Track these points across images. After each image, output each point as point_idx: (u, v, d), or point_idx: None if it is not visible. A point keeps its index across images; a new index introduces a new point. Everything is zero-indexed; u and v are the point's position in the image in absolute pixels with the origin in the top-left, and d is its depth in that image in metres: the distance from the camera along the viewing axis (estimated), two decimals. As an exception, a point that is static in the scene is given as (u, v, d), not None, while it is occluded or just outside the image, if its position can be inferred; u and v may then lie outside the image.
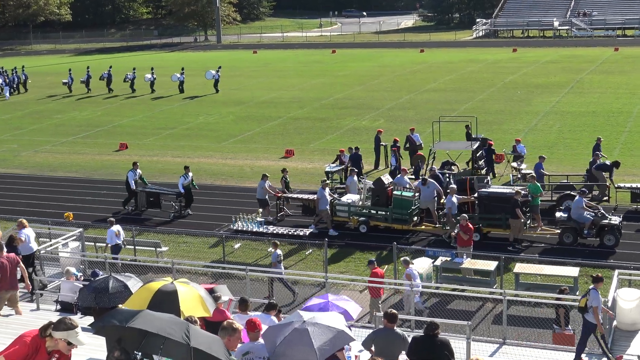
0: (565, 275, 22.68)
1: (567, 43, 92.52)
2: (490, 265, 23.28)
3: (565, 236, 26.78)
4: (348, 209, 29.51)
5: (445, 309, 22.02)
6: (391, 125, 47.54)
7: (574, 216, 26.69)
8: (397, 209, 28.72)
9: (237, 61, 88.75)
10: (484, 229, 27.51)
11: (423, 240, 28.05)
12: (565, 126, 45.84)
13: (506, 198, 27.04)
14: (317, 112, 54.24)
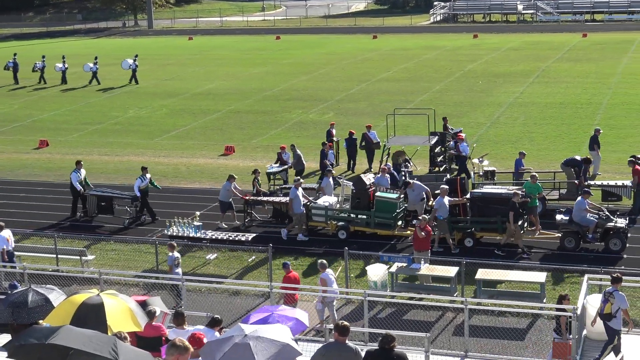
0: (531, 281, 22.96)
1: (531, 28, 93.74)
2: (450, 271, 23.47)
3: (567, 241, 26.88)
4: (325, 213, 29.33)
5: (402, 319, 22.14)
6: (341, 118, 47.65)
7: (576, 219, 26.79)
8: (380, 212, 28.49)
9: (170, 48, 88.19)
10: (477, 233, 27.60)
11: (410, 246, 27.97)
12: (530, 119, 46.43)
13: (502, 199, 27.11)
14: (259, 105, 54.15)
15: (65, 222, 31.99)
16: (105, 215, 31.81)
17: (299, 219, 28.88)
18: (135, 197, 31.54)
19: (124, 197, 31.92)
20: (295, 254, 27.42)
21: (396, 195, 28.81)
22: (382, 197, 28.73)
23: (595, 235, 26.57)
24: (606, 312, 18.15)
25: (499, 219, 26.99)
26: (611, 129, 42.79)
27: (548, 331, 21.20)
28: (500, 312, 22.10)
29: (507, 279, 22.94)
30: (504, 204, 26.89)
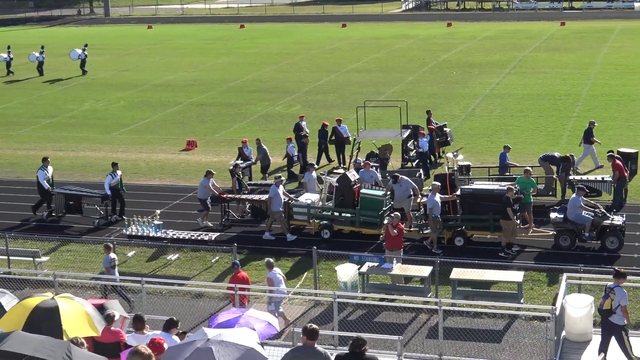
0: (508, 280, 23.11)
1: (508, 17, 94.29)
2: (423, 271, 23.55)
3: (562, 239, 27.01)
4: (307, 211, 29.26)
5: (373, 322, 22.20)
6: (309, 111, 47.64)
7: (571, 217, 26.91)
8: (366, 210, 28.42)
9: (128, 37, 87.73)
10: (467, 232, 27.68)
11: None
12: (506, 111, 46.69)
13: (494, 196, 27.19)
14: (223, 97, 54.02)
15: (30, 222, 31.70)
16: (73, 215, 31.55)
17: (276, 218, 28.83)
18: (105, 195, 31.29)
19: (94, 195, 31.67)
20: (275, 254, 27.40)
21: (382, 192, 28.79)
22: (367, 194, 28.69)
23: (592, 233, 26.74)
24: (605, 308, 18.29)
25: (491, 217, 27.10)
26: (591, 122, 43.16)
27: (526, 333, 21.38)
28: (476, 313, 22.22)
29: (483, 279, 23.04)
30: (495, 201, 27.00)
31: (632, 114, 44.36)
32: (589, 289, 22.29)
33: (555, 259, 25.57)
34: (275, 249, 27.90)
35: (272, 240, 28.68)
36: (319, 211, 29.23)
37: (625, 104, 46.91)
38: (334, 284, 24.46)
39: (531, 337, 21.19)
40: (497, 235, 27.40)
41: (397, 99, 46.87)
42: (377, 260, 24.18)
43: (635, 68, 57.57)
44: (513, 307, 21.76)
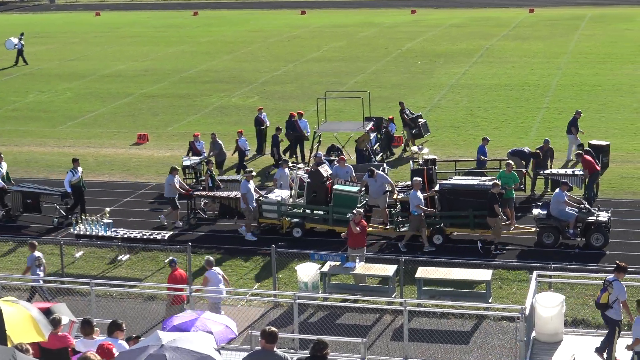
0: (476, 279, 23.25)
1: (474, 3, 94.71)
2: (388, 270, 23.64)
3: (545, 236, 27.17)
4: (278, 209, 29.18)
5: (335, 323, 22.26)
6: (267, 102, 47.59)
7: (555, 213, 27.08)
8: (339, 207, 28.36)
9: (75, 25, 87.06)
10: (447, 229, 27.77)
11: (372, 245, 28.07)
12: (473, 102, 46.95)
13: (475, 191, 27.34)
14: (175, 88, 53.81)
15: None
16: (31, 214, 31.23)
17: (250, 215, 28.75)
18: (65, 193, 31.00)
19: (53, 193, 31.38)
20: (246, 254, 27.40)
21: (357, 189, 28.78)
22: (341, 190, 28.69)
23: (576, 230, 26.94)
24: (602, 301, 18.45)
25: (471, 213, 27.25)
26: (560, 113, 43.47)
27: (494, 334, 21.54)
28: (443, 313, 22.34)
29: (449, 278, 23.17)
30: (476, 197, 27.18)
31: (604, 105, 44.79)
32: (559, 287, 22.54)
33: (538, 256, 25.78)
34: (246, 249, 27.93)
35: (252, 241, 28.52)
36: (290, 208, 29.24)
37: (596, 95, 47.35)
38: (294, 285, 24.49)
39: (500, 338, 21.36)
40: (478, 232, 27.57)
41: (359, 89, 46.95)
42: (339, 259, 24.21)
43: (606, 57, 58.12)
44: (481, 307, 21.91)
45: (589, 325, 21.63)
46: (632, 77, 51.23)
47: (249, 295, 23.71)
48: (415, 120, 37.60)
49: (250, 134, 39.66)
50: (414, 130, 37.32)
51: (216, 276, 22.15)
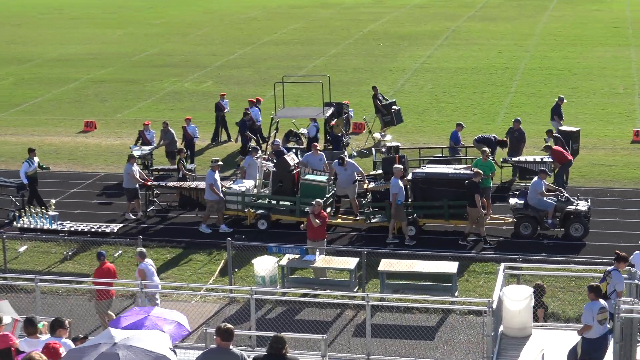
0: (441, 272, 23.28)
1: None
2: (349, 263, 23.66)
3: (522, 227, 27.28)
4: (242, 200, 29.02)
5: (295, 319, 22.25)
6: (222, 87, 47.45)
7: (532, 202, 27.18)
8: (307, 198, 28.12)
9: (17, 6, 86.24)
10: (420, 220, 27.77)
11: (342, 237, 28.06)
12: (438, 86, 47.10)
13: (450, 180, 27.36)
14: (125, 73, 53.50)
15: None
16: None
17: (217, 207, 28.56)
18: (21, 184, 30.66)
19: (8, 184, 31.03)
20: (208, 248, 27.34)
21: (325, 178, 28.75)
22: (308, 180, 28.62)
23: (555, 220, 27.09)
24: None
25: (445, 203, 27.31)
26: (529, 98, 43.77)
27: (461, 329, 21.64)
28: (407, 308, 22.40)
29: (414, 271, 23.23)
30: (451, 186, 27.26)
31: (574, 89, 45.10)
32: (528, 279, 22.64)
33: (516, 248, 25.94)
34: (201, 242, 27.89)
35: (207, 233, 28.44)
36: (254, 199, 29.19)
37: (566, 78, 47.68)
38: (250, 279, 24.47)
39: (466, 333, 21.48)
40: (452, 223, 27.69)
41: (318, 74, 46.91)
42: (298, 252, 24.20)
43: (576, 39, 58.56)
44: (447, 300, 21.98)
45: (559, 319, 21.82)
46: (603, 60, 51.66)
47: (204, 291, 23.65)
48: (389, 107, 37.52)
49: (205, 121, 39.62)
50: (386, 117, 37.28)
51: (149, 268, 22.09)
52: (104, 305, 21.41)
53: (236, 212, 29.17)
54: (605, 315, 17.78)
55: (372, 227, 28.17)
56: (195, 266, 26.26)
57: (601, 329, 17.76)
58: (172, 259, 26.78)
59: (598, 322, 17.70)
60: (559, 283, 23.37)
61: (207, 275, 25.49)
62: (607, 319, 17.81)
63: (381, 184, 28.41)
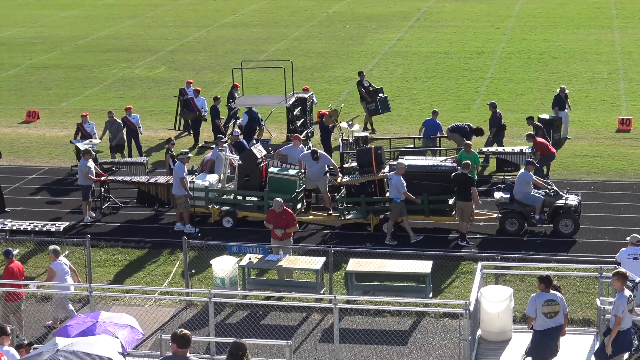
0: (414, 272, 23.32)
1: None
2: (315, 262, 23.66)
3: (508, 223, 27.30)
4: (205, 195, 28.91)
5: (257, 324, 22.25)
6: (176, 73, 47.36)
7: (519, 196, 27.17)
8: (276, 193, 28.01)
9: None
10: (398, 217, 27.68)
11: (314, 235, 28.00)
12: (409, 72, 47.18)
13: (430, 174, 27.33)
14: (70, 58, 53.18)
15: None
16: None
17: (182, 204, 28.35)
18: None
19: None
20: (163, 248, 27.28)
21: (295, 172, 28.74)
22: (276, 173, 28.56)
23: (542, 215, 27.14)
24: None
25: (426, 198, 27.27)
26: (507, 84, 43.95)
27: (435, 333, 21.71)
28: (378, 311, 22.44)
29: (384, 271, 23.27)
30: (431, 179, 27.28)
31: (554, 74, 45.34)
32: (508, 279, 22.78)
33: (501, 245, 26.05)
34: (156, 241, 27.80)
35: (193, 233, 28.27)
36: (219, 195, 29.15)
37: (546, 63, 47.91)
38: (209, 281, 24.43)
39: (442, 337, 21.55)
40: (433, 219, 27.76)
41: (280, 58, 46.85)
42: (260, 251, 24.19)
43: (557, 20, 58.85)
44: (420, 302, 22.06)
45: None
46: (585, 43, 51.97)
47: (158, 294, 23.58)
48: (374, 95, 37.23)
49: (158, 110, 39.53)
50: (370, 105, 37.14)
51: (63, 268, 21.99)
52: (13, 307, 21.36)
53: (200, 209, 29.06)
54: (555, 308, 18.11)
55: (346, 224, 28.17)
56: (149, 267, 26.18)
57: (549, 322, 18.12)
58: (123, 259, 26.68)
59: (543, 314, 18.03)
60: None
61: (162, 277, 25.43)
62: (557, 312, 18.11)
63: (356, 178, 28.40)
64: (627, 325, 18.00)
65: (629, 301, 17.83)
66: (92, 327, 16.97)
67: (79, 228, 28.84)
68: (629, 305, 17.83)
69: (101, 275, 25.56)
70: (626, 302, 17.76)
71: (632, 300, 17.99)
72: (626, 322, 17.91)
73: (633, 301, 18.07)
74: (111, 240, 27.95)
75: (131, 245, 27.57)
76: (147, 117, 39.06)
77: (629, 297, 17.88)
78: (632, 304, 17.95)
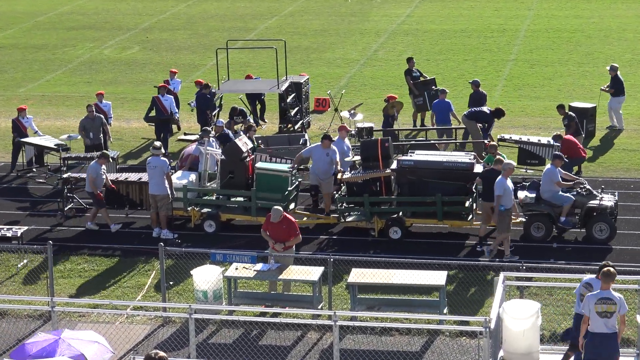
0: (426, 283, 23.28)
1: None
2: (312, 273, 23.63)
3: (533, 227, 27.15)
4: (184, 195, 28.73)
5: (246, 345, 22.22)
6: (151, 55, 47.40)
7: (546, 196, 27.00)
8: (264, 191, 28.07)
9: None
10: (407, 220, 27.65)
11: (310, 243, 27.86)
12: (420, 53, 47.12)
13: (445, 170, 27.18)
14: (29, 37, 53.19)
15: None
16: None
17: (163, 206, 28.23)
18: None
19: None
20: (137, 256, 27.24)
21: (287, 167, 28.60)
22: (265, 169, 28.46)
23: (572, 218, 27.01)
24: None
25: (439, 199, 27.12)
26: (533, 67, 43.91)
27: (451, 354, 21.70)
28: (384, 329, 22.45)
29: (392, 282, 23.24)
30: (446, 177, 27.15)
31: (588, 55, 45.35)
32: (534, 292, 22.75)
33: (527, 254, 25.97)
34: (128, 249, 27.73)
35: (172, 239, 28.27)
36: (199, 195, 29.13)
37: (578, 42, 47.89)
38: (189, 294, 24.42)
39: (458, 359, 21.53)
40: (447, 223, 27.67)
41: (271, 37, 46.82)
42: (249, 260, 24.13)
43: (590, -7, 58.86)
44: (434, 319, 22.04)
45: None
46: (624, 20, 51.94)
47: (131, 309, 23.57)
48: (423, 88, 36.42)
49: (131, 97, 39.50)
50: (418, 100, 36.38)
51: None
52: None
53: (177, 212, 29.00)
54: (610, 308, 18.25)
55: (347, 227, 28.17)
56: (120, 279, 26.15)
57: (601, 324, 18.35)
58: (90, 269, 26.64)
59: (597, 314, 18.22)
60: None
61: (135, 289, 25.40)
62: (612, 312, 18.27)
63: (359, 174, 28.29)
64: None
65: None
66: (53, 344, 16.98)
67: (39, 232, 28.83)
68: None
69: (65, 287, 25.52)
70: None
71: None
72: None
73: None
74: (75, 247, 27.92)
75: (99, 253, 27.54)
76: (118, 106, 39.08)
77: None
78: None
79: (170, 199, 28.21)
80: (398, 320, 22.32)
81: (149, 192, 28.35)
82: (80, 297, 24.60)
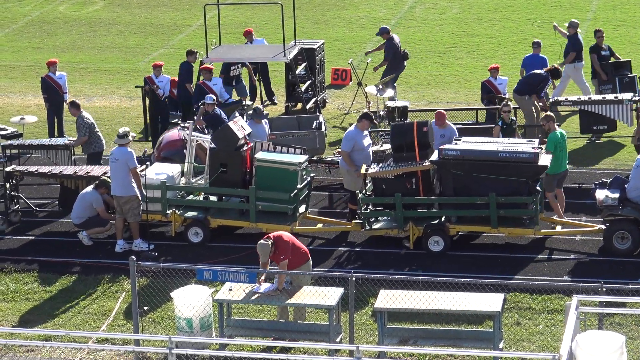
0: (477, 310, 23.27)
1: None
2: (329, 295, 23.63)
3: (617, 237, 27.05)
4: (162, 195, 28.71)
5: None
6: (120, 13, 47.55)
7: (635, 195, 27.06)
8: (266, 190, 28.12)
9: None
10: (452, 227, 27.68)
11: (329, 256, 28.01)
12: (469, 11, 47.36)
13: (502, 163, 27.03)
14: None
15: None
16: None
17: (134, 209, 28.34)
18: None
19: None
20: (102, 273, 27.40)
21: (299, 159, 28.45)
22: (268, 160, 28.36)
23: None
24: None
25: (493, 200, 27.01)
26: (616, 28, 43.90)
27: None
28: (422, 368, 22.57)
29: (432, 308, 23.24)
30: (501, 172, 27.04)
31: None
32: (617, 322, 22.74)
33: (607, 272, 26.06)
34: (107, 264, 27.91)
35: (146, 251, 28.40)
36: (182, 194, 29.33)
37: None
38: (168, 323, 24.50)
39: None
40: (504, 231, 27.67)
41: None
42: (247, 279, 24.13)
43: None
44: (487, 356, 22.06)
45: None
46: None
47: (93, 342, 23.66)
48: (613, 72, 35.11)
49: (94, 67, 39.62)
50: (605, 86, 34.63)
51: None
52: None
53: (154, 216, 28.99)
54: None
55: (373, 236, 28.21)
56: (80, 303, 26.23)
57: None
58: (41, 291, 26.73)
59: None
60: None
61: (100, 316, 25.48)
62: None
63: (389, 168, 28.23)
64: None
65: None
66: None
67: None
68: None
69: (8, 313, 25.59)
70: None
71: None
72: None
73: None
74: (22, 261, 28.02)
75: (52, 270, 27.62)
76: (76, 78, 39.20)
77: None
78: None
79: (139, 202, 28.29)
80: (440, 358, 22.38)
81: (112, 192, 28.35)
82: (29, 326, 24.66)
